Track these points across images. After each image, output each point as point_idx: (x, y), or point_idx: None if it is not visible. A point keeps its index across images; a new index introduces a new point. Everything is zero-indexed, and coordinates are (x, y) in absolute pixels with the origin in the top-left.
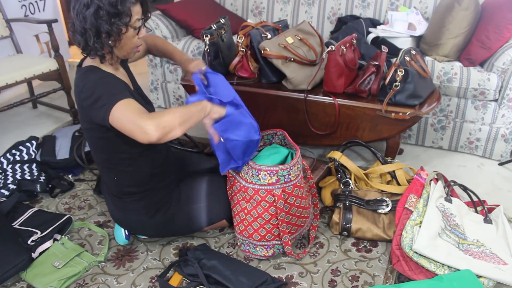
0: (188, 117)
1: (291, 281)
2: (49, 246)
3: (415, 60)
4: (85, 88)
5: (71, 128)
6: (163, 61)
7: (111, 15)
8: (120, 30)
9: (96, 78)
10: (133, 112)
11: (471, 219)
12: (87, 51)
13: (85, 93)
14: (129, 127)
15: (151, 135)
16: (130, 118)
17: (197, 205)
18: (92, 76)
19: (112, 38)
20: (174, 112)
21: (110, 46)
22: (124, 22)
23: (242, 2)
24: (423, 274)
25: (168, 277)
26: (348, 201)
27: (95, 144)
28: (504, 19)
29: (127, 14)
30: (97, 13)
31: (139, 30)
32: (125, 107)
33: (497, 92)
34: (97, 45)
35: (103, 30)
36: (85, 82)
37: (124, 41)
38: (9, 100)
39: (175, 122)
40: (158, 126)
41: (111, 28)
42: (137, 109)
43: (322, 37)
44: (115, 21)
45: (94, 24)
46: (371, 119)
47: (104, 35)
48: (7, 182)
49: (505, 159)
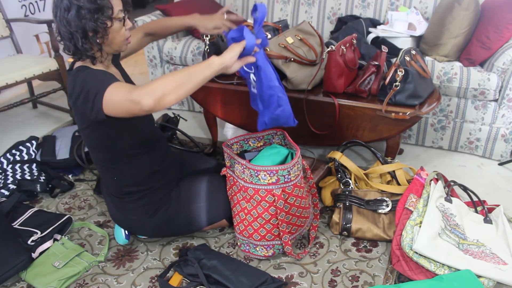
0: (187, 78)
1: (291, 281)
2: (49, 246)
3: (415, 60)
4: (76, 86)
5: (71, 128)
6: (163, 61)
7: (93, 12)
8: (106, 24)
9: (84, 75)
10: (123, 90)
11: (471, 219)
12: (78, 54)
13: (76, 91)
14: (123, 105)
15: (144, 103)
16: (121, 96)
17: (197, 205)
18: (81, 74)
19: (99, 35)
20: (168, 76)
21: (99, 44)
22: (107, 16)
23: (242, 2)
24: (423, 274)
25: (168, 277)
26: (348, 201)
27: (93, 144)
28: (504, 19)
29: (108, 6)
30: (79, 14)
31: (124, 21)
32: (114, 89)
33: (497, 92)
34: (86, 46)
35: (88, 28)
36: (75, 81)
37: (112, 35)
38: (9, 100)
39: (169, 86)
40: (148, 92)
41: (96, 24)
42: (126, 87)
43: (322, 37)
44: (98, 16)
45: (79, 25)
46: (371, 119)
47: (91, 34)
48: (7, 182)
49: (505, 159)
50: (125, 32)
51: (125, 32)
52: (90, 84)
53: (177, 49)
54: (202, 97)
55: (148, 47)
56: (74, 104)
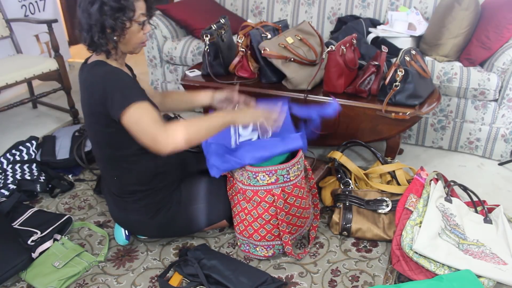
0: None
1: (291, 281)
2: (49, 246)
3: (415, 60)
4: (94, 82)
5: (71, 128)
6: (163, 61)
7: (115, 10)
8: (124, 24)
9: (104, 72)
10: (151, 120)
11: (471, 219)
12: (93, 47)
13: (94, 87)
14: (142, 133)
15: (162, 150)
16: (145, 125)
17: (197, 206)
18: (100, 69)
19: (117, 33)
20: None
21: (115, 41)
22: (128, 17)
23: (242, 2)
24: (423, 274)
25: (168, 277)
26: (348, 201)
27: (98, 140)
28: (504, 19)
29: (131, 9)
30: (101, 9)
31: (144, 25)
32: (143, 111)
33: (497, 92)
34: (102, 41)
35: (107, 25)
36: (93, 76)
37: (129, 36)
38: (9, 100)
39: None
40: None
41: (115, 23)
42: (155, 117)
43: (322, 37)
44: (119, 15)
45: (98, 19)
46: (371, 119)
47: (108, 30)
48: (7, 182)
49: (505, 159)
50: (143, 35)
51: (143, 36)
52: (112, 87)
53: (177, 49)
54: None
55: (148, 47)
56: (89, 98)
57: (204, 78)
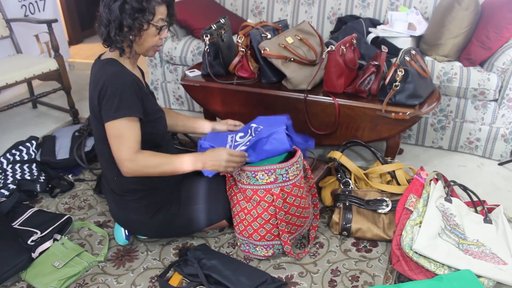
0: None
1: (291, 281)
2: (49, 246)
3: (415, 60)
4: (101, 79)
5: (71, 128)
6: (163, 61)
7: (135, 10)
8: (142, 26)
9: (112, 73)
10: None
11: (471, 219)
12: (108, 42)
13: (100, 85)
14: (114, 147)
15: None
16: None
17: (196, 206)
18: (110, 68)
19: (133, 32)
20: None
21: (131, 40)
22: (147, 19)
23: (242, 2)
24: (423, 274)
25: (168, 277)
26: (348, 201)
27: (101, 136)
28: (504, 19)
29: (151, 12)
30: (122, 7)
31: (161, 30)
32: (124, 131)
33: (497, 92)
34: (118, 38)
35: (125, 23)
36: (102, 74)
37: (144, 38)
38: (9, 100)
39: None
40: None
41: (134, 22)
42: (132, 142)
43: (322, 37)
44: (138, 16)
45: (118, 16)
46: (371, 119)
47: (126, 29)
48: (7, 182)
49: (505, 159)
50: (158, 40)
51: (158, 40)
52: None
53: (177, 49)
54: (202, 97)
55: None
56: (94, 94)
57: (204, 78)
